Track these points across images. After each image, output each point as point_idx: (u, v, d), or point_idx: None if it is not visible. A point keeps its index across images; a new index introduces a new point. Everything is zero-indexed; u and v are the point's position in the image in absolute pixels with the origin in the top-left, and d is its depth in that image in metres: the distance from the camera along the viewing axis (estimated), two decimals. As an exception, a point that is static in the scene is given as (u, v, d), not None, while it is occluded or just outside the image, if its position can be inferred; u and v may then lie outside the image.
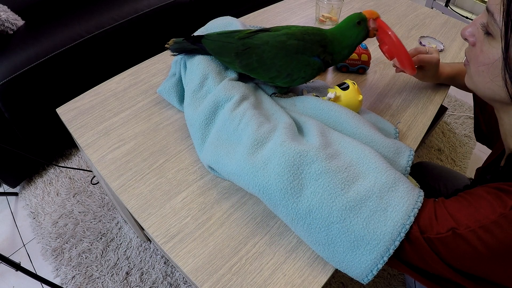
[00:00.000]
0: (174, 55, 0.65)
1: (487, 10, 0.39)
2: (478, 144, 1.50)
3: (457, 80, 0.73)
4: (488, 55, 0.40)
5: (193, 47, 0.64)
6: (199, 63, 0.63)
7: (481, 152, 1.46)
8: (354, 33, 0.58)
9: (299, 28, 0.59)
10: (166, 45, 0.64)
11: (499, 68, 0.39)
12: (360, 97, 0.60)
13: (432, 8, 2.12)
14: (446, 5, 2.18)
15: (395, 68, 0.68)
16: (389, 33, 0.59)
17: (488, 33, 0.40)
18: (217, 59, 0.63)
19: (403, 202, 0.41)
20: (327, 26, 0.98)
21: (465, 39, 0.45)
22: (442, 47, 0.90)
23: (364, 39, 0.60)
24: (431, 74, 0.70)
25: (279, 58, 0.57)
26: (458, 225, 0.37)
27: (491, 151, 0.63)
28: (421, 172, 0.86)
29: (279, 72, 0.59)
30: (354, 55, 0.78)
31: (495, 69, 0.40)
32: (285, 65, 0.58)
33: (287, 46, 0.57)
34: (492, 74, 0.40)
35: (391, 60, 0.65)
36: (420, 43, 0.92)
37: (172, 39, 0.64)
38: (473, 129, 1.51)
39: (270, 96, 0.64)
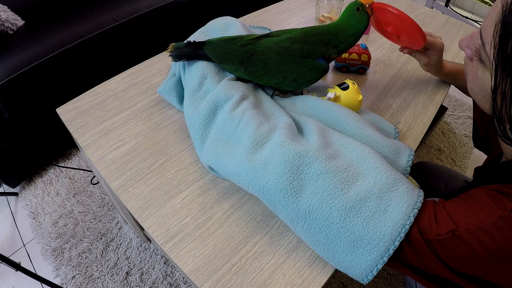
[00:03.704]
0: (176, 61, 0.65)
1: (480, 37, 0.39)
2: (478, 144, 1.50)
3: (458, 80, 0.73)
4: (481, 83, 0.41)
5: (195, 53, 0.63)
6: (197, 63, 0.63)
7: (481, 152, 1.46)
8: (358, 19, 0.58)
9: (298, 30, 0.59)
10: (166, 51, 0.64)
11: (491, 98, 0.39)
12: (360, 97, 0.61)
13: (432, 8, 2.12)
14: (446, 5, 2.18)
15: (404, 50, 0.68)
16: (390, 9, 0.60)
17: (481, 60, 0.40)
18: (221, 66, 0.63)
19: (402, 202, 0.41)
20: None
21: (462, 49, 0.45)
22: (442, 47, 0.90)
23: (367, 24, 0.60)
24: (435, 61, 0.69)
25: (284, 64, 0.58)
26: (457, 227, 0.37)
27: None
28: (421, 172, 0.86)
29: (285, 78, 0.59)
30: (354, 55, 0.78)
31: (488, 96, 0.40)
32: (290, 71, 0.58)
33: (292, 51, 0.57)
34: (486, 98, 0.41)
35: (399, 40, 0.65)
36: (420, 43, 0.91)
37: (171, 44, 0.64)
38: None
39: (270, 96, 0.65)
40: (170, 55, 0.63)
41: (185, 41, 0.65)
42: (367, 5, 0.59)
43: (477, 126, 0.70)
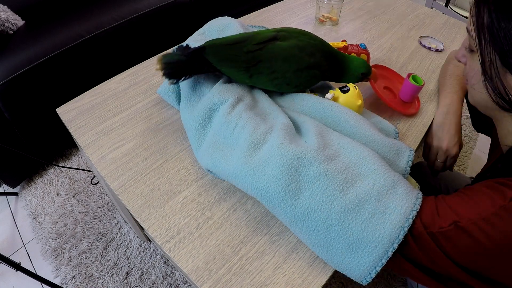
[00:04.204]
0: (172, 83, 0.56)
1: (467, 30, 0.44)
2: (478, 144, 1.50)
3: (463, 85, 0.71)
4: (473, 68, 0.44)
5: (192, 63, 0.56)
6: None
7: (481, 152, 1.46)
8: (354, 77, 0.64)
9: (307, 38, 0.60)
10: (156, 69, 0.55)
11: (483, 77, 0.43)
12: (360, 101, 0.60)
13: (432, 8, 2.11)
14: (446, 5, 2.18)
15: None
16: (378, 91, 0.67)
17: (471, 51, 0.45)
18: (223, 71, 0.58)
19: (401, 204, 0.41)
20: (327, 26, 0.98)
21: (459, 61, 0.50)
22: (442, 47, 0.90)
23: (356, 82, 0.65)
24: (446, 130, 0.65)
25: (290, 71, 0.58)
26: (460, 219, 0.37)
27: (489, 150, 0.63)
28: (421, 172, 0.86)
29: (289, 85, 0.60)
30: (353, 55, 0.78)
31: (480, 79, 0.43)
32: (295, 78, 0.59)
33: (299, 60, 0.58)
34: (480, 85, 0.44)
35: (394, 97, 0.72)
36: (420, 43, 0.92)
37: (158, 58, 0.54)
38: (472, 129, 1.52)
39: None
40: (163, 75, 0.55)
41: (175, 48, 0.59)
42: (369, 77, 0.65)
43: (475, 112, 0.70)
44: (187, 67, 0.56)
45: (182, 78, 0.57)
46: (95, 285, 1.01)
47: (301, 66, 0.58)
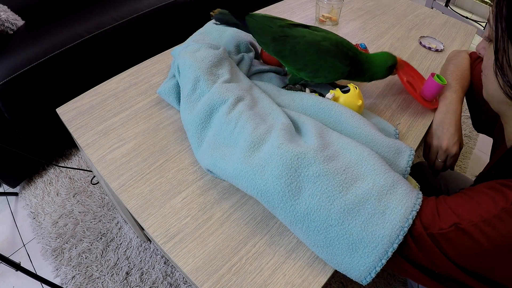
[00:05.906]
0: (216, 24, 0.68)
1: (487, 20, 0.43)
2: (478, 144, 1.50)
3: (465, 83, 0.71)
4: (489, 57, 0.43)
5: (236, 21, 0.65)
6: (190, 66, 0.62)
7: (481, 152, 1.46)
8: (381, 73, 0.64)
9: (335, 36, 0.62)
10: (211, 13, 0.67)
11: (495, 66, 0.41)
12: (360, 102, 0.60)
13: (432, 8, 2.11)
14: (446, 5, 2.18)
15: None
16: (405, 80, 0.68)
17: (490, 40, 0.43)
18: (255, 37, 0.65)
19: (401, 204, 0.41)
20: (327, 26, 0.98)
21: (479, 54, 0.50)
22: (442, 47, 0.90)
23: (385, 77, 0.66)
24: (446, 129, 0.64)
25: (310, 53, 0.60)
26: (460, 220, 0.37)
27: (491, 151, 0.63)
28: (421, 172, 0.86)
29: (306, 66, 0.61)
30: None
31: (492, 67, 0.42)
32: (313, 61, 0.60)
33: (320, 46, 0.59)
34: (492, 73, 0.43)
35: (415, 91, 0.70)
36: (420, 43, 0.92)
37: (217, 9, 0.67)
38: (472, 129, 1.52)
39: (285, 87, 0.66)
40: (213, 17, 0.66)
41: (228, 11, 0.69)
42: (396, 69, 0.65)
43: (478, 110, 0.70)
44: (230, 22, 0.67)
45: (223, 24, 0.67)
46: (95, 285, 1.01)
47: (321, 51, 0.60)
